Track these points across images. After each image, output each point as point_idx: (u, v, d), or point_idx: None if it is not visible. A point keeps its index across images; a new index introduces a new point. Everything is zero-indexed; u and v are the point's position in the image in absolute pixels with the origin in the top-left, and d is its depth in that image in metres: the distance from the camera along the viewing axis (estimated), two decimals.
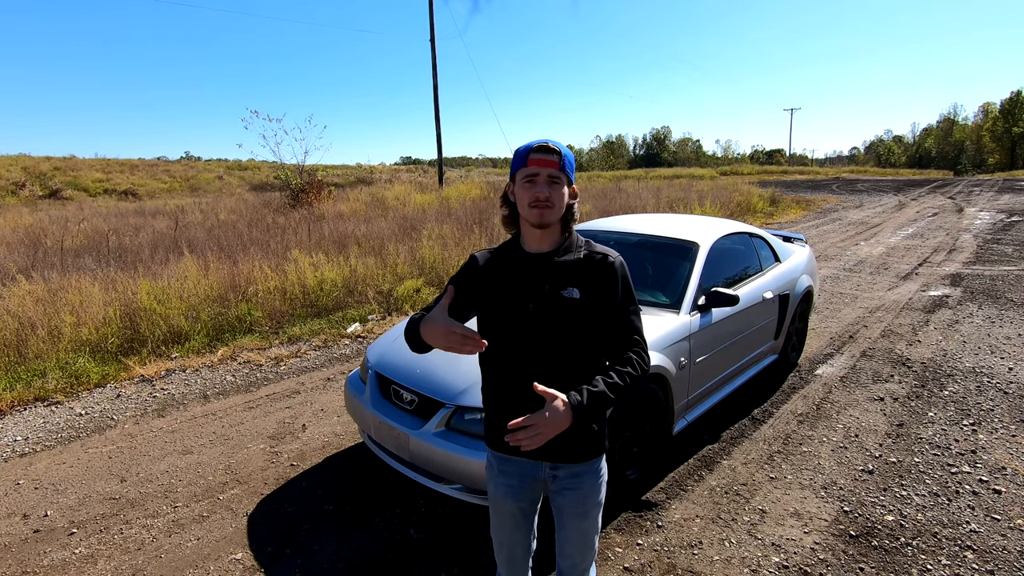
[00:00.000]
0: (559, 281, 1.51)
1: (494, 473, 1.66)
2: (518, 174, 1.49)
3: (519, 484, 1.62)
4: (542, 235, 1.53)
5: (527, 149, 1.47)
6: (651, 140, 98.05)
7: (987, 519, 2.74)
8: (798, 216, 16.17)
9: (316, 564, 2.54)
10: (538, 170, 1.46)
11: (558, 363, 1.52)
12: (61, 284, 6.15)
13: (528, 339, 1.52)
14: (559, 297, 1.50)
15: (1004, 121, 65.63)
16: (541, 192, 1.45)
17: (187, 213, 14.80)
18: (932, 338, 5.33)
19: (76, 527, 2.84)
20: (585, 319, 1.52)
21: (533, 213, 1.46)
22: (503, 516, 1.68)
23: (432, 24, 20.65)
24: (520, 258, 1.57)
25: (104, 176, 30.10)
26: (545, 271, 1.52)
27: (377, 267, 7.58)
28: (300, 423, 3.91)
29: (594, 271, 1.52)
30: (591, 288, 1.51)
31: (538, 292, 1.51)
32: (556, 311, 1.50)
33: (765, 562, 2.48)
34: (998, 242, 10.75)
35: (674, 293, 3.45)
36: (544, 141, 1.47)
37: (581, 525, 1.62)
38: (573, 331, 1.52)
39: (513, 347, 1.54)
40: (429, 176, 35.25)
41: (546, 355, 1.52)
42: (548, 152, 1.46)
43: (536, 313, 1.51)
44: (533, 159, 1.46)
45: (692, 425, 3.45)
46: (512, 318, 1.53)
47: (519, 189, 1.49)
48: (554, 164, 1.46)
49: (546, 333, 1.51)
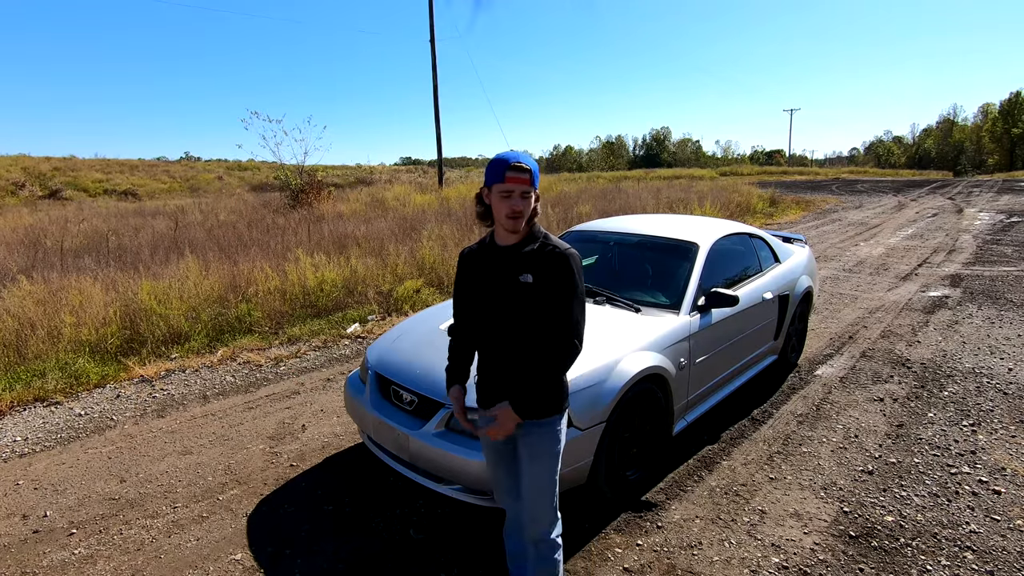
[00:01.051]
0: (517, 268, 1.81)
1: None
2: (495, 187, 1.77)
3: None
4: (511, 233, 1.84)
5: (504, 166, 1.74)
6: (651, 140, 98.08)
7: (987, 520, 2.74)
8: (798, 217, 16.18)
9: (316, 564, 2.54)
10: (513, 187, 1.74)
11: (514, 337, 1.84)
12: (61, 284, 6.15)
13: (493, 316, 1.87)
14: (516, 281, 1.80)
15: (1003, 122, 65.66)
16: (516, 205, 1.76)
17: (187, 213, 14.80)
18: (932, 339, 5.33)
19: (75, 527, 2.84)
20: (536, 301, 1.80)
21: (509, 223, 1.78)
22: (490, 456, 2.07)
23: (432, 24, 20.67)
24: (492, 251, 1.89)
25: (104, 176, 30.10)
26: (509, 260, 1.84)
27: (377, 267, 7.58)
28: (300, 423, 3.91)
29: (546, 260, 1.80)
30: (542, 274, 1.79)
31: (501, 278, 1.84)
32: (513, 293, 1.81)
33: (765, 563, 2.48)
34: (998, 243, 10.76)
35: (674, 294, 3.46)
36: (517, 159, 1.75)
37: (533, 468, 1.90)
38: (526, 310, 1.81)
39: (483, 323, 1.91)
40: (429, 176, 35.27)
41: (506, 329, 1.85)
42: (521, 171, 1.74)
43: (497, 294, 1.84)
44: (509, 177, 1.74)
45: (692, 426, 3.45)
46: (483, 299, 1.90)
47: (496, 199, 1.78)
48: (526, 181, 1.75)
49: (505, 311, 1.84)
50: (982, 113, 73.17)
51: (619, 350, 2.86)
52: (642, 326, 3.14)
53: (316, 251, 8.05)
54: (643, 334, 3.06)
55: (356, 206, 15.67)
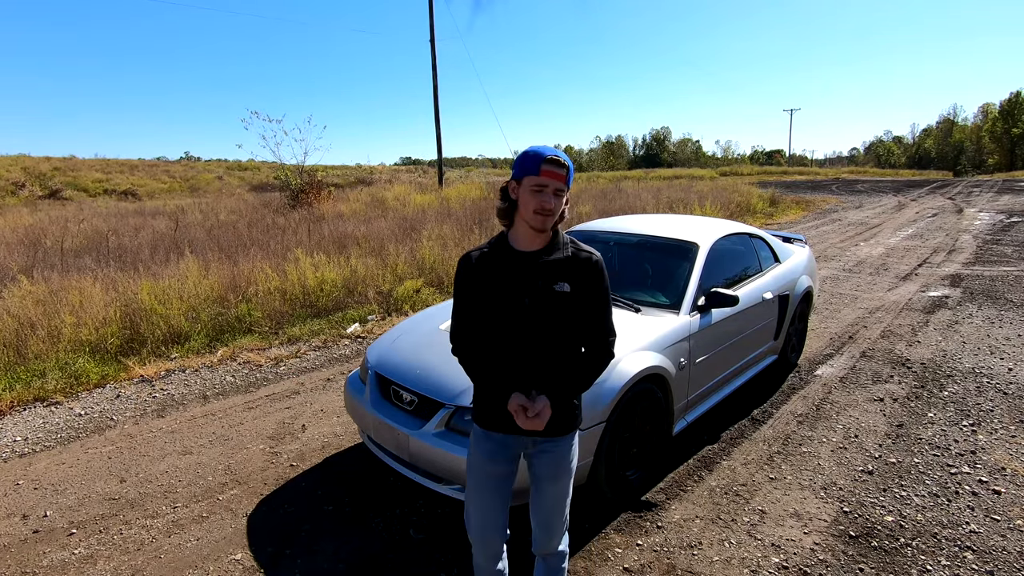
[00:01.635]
0: (551, 276, 1.68)
1: (479, 441, 1.83)
2: (526, 180, 1.62)
3: (499, 448, 1.80)
4: (536, 235, 1.69)
5: (540, 158, 1.60)
6: (651, 141, 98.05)
7: (987, 520, 2.74)
8: (798, 217, 16.18)
9: (316, 564, 2.54)
10: (548, 182, 1.61)
11: (548, 349, 1.71)
12: (61, 284, 6.15)
13: (524, 329, 1.70)
14: (551, 291, 1.68)
15: (1003, 122, 65.62)
16: (548, 203, 1.61)
17: (187, 213, 14.80)
18: (932, 339, 5.33)
19: (75, 527, 2.84)
20: (573, 310, 1.71)
21: (537, 220, 1.63)
22: (481, 482, 1.83)
23: (432, 24, 20.67)
24: (512, 256, 1.71)
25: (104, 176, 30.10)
26: (537, 268, 1.69)
27: (377, 267, 7.58)
28: (300, 423, 3.91)
29: (581, 268, 1.71)
30: (579, 283, 1.70)
31: (532, 287, 1.68)
32: (549, 303, 1.68)
33: (765, 563, 2.48)
34: (997, 243, 10.76)
35: (674, 294, 3.46)
36: (555, 154, 1.61)
37: (556, 487, 1.81)
38: (563, 321, 1.71)
39: (510, 337, 1.71)
40: (429, 176, 35.27)
41: (539, 343, 1.70)
42: (559, 166, 1.61)
43: (531, 305, 1.68)
44: (546, 171, 1.60)
45: (692, 426, 3.45)
46: (509, 311, 1.69)
47: (526, 194, 1.63)
48: (562, 178, 1.62)
49: (540, 323, 1.69)
50: (982, 113, 73.15)
51: (619, 350, 2.85)
52: (642, 326, 3.14)
53: (316, 251, 8.05)
54: (643, 334, 3.06)
55: (356, 206, 15.67)
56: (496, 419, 1.76)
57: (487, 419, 1.79)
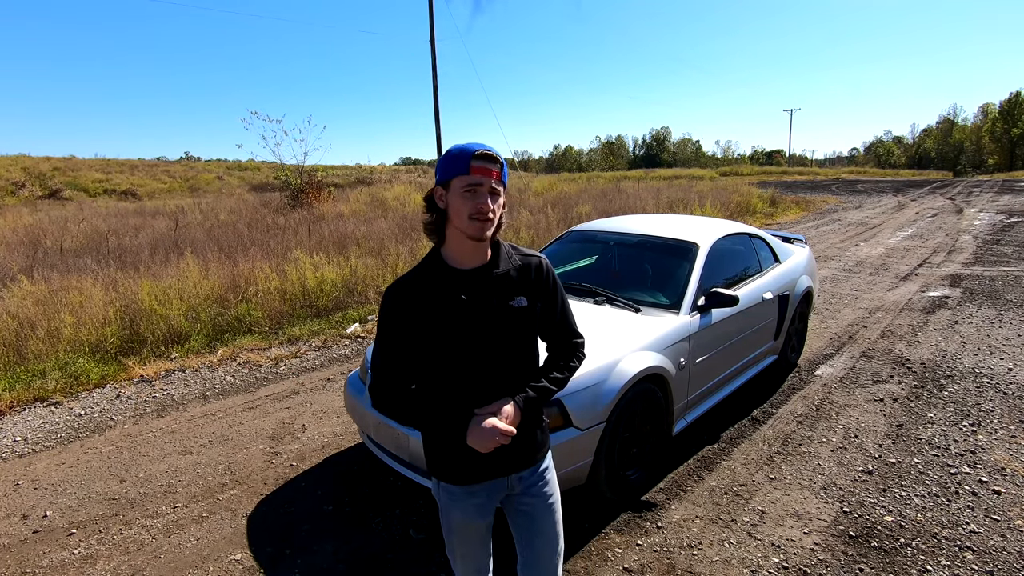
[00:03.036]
0: (505, 292, 1.49)
1: (459, 500, 1.58)
2: (455, 181, 1.38)
3: (487, 501, 1.60)
4: (475, 248, 1.45)
5: (468, 154, 1.37)
6: (651, 141, 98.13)
7: (987, 520, 2.74)
8: (798, 217, 16.18)
9: (316, 564, 2.54)
10: (482, 179, 1.37)
11: (511, 372, 1.52)
12: (61, 284, 6.15)
13: (480, 356, 1.47)
14: (508, 308, 1.49)
15: (1003, 122, 65.67)
16: (485, 204, 1.37)
17: (187, 213, 14.80)
18: (932, 339, 5.33)
19: (75, 527, 2.84)
20: (533, 324, 1.56)
21: (475, 227, 1.38)
22: (470, 536, 1.63)
23: (432, 24, 20.67)
24: (452, 277, 1.46)
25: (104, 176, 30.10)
26: (487, 285, 1.47)
27: (377, 267, 7.58)
28: (300, 423, 3.91)
29: (533, 275, 1.55)
30: (534, 292, 1.54)
31: (486, 307, 1.46)
32: (508, 322, 1.49)
33: (765, 563, 2.48)
34: (997, 243, 10.76)
35: (674, 294, 3.46)
36: (484, 147, 1.38)
37: (553, 517, 1.64)
38: (522, 338, 1.54)
39: (465, 368, 1.48)
40: (429, 176, 35.29)
41: (500, 367, 1.50)
42: (491, 161, 1.38)
43: (488, 328, 1.47)
44: (476, 167, 1.37)
45: (692, 426, 3.45)
46: (461, 340, 1.46)
47: (456, 198, 1.38)
48: (496, 175, 1.40)
49: (499, 346, 1.49)
50: (982, 113, 73.20)
51: (619, 350, 2.85)
52: (642, 326, 3.14)
53: (316, 251, 8.06)
54: (643, 334, 3.06)
55: (356, 206, 15.68)
56: (473, 466, 1.51)
57: (464, 471, 1.53)
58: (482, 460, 1.49)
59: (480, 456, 1.46)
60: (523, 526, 1.64)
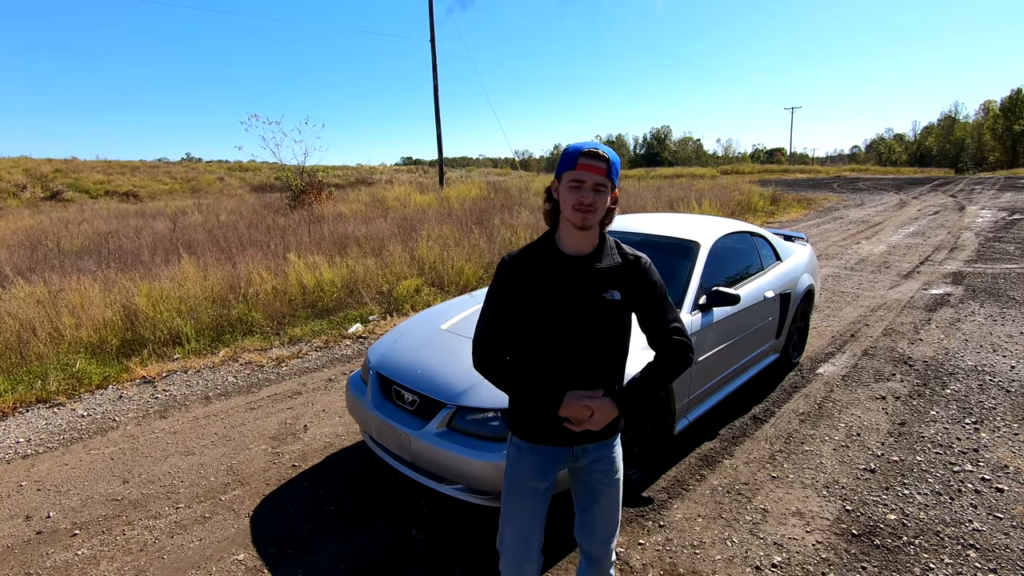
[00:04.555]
0: (601, 284, 1.61)
1: (523, 455, 1.73)
2: (565, 176, 1.55)
3: (547, 463, 1.71)
4: (582, 237, 1.60)
5: (577, 152, 1.53)
6: (651, 139, 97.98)
7: (990, 517, 2.73)
8: (799, 215, 16.15)
9: (318, 564, 2.54)
10: (586, 176, 1.52)
11: (598, 358, 1.64)
12: (62, 286, 6.16)
13: (573, 337, 1.61)
14: (602, 299, 1.60)
15: (1005, 119, 65.44)
16: (585, 198, 1.52)
17: (187, 214, 14.81)
18: (934, 336, 5.32)
19: (78, 528, 2.84)
20: (624, 318, 1.66)
21: (576, 216, 1.53)
22: (523, 497, 1.73)
23: (432, 24, 20.66)
24: (560, 261, 1.62)
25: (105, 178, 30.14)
26: (586, 274, 1.61)
27: (377, 267, 7.58)
28: (302, 424, 3.91)
29: (631, 273, 1.64)
30: (630, 288, 1.64)
31: (582, 293, 1.60)
32: (600, 311, 1.61)
33: (767, 561, 2.48)
34: (1000, 240, 10.73)
35: (675, 292, 3.45)
36: (595, 146, 1.53)
37: (611, 492, 1.74)
38: (613, 329, 1.64)
39: (557, 345, 1.62)
40: (429, 176, 35.28)
41: (589, 351, 1.63)
42: (597, 159, 1.52)
43: (581, 313, 1.60)
44: (582, 164, 1.52)
45: (693, 424, 3.45)
46: (557, 318, 1.60)
47: (564, 190, 1.55)
48: (601, 171, 1.52)
49: (590, 331, 1.61)
50: (983, 110, 72.94)
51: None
52: None
53: (316, 252, 8.06)
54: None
55: (356, 206, 15.67)
56: (545, 431, 1.68)
57: (534, 431, 1.70)
58: (554, 428, 1.65)
59: (554, 425, 1.64)
60: (582, 494, 1.77)
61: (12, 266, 7.48)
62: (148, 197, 27.50)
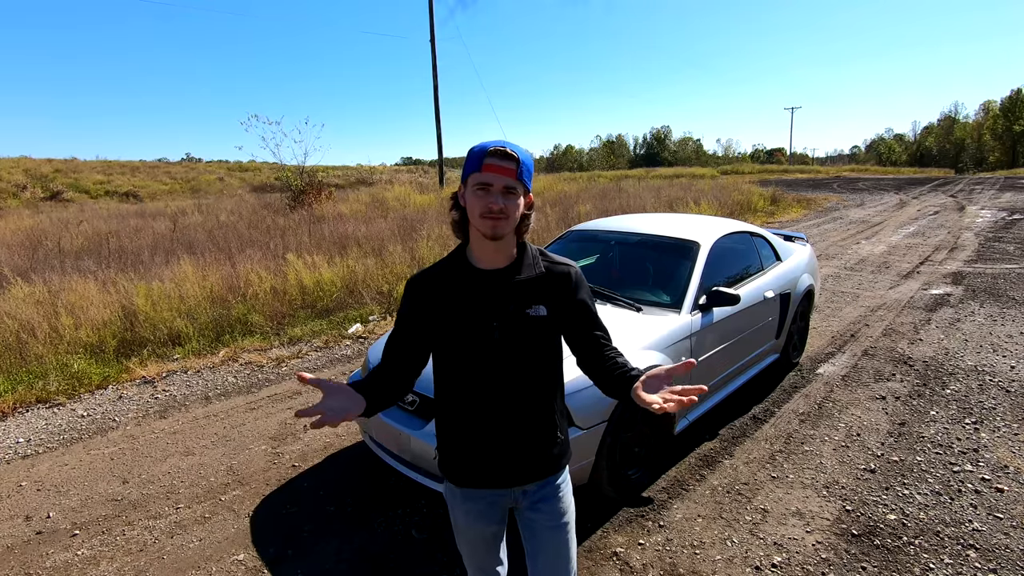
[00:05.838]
0: (523, 299, 1.42)
1: (458, 502, 1.56)
2: (470, 179, 1.35)
3: (488, 509, 1.54)
4: (496, 248, 1.41)
5: (483, 151, 1.33)
6: (651, 140, 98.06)
7: (990, 518, 2.73)
8: (799, 215, 16.15)
9: (318, 565, 2.54)
10: (493, 178, 1.32)
11: (527, 386, 1.46)
12: (61, 286, 6.16)
13: (494, 363, 1.42)
14: (525, 316, 1.41)
15: (1005, 119, 65.48)
16: (494, 203, 1.32)
17: (187, 215, 14.82)
18: (934, 336, 5.32)
19: (78, 528, 2.84)
20: (554, 337, 1.47)
21: (486, 224, 1.34)
22: (475, 542, 1.59)
23: (432, 25, 20.68)
24: (473, 276, 1.42)
25: (105, 178, 30.15)
26: (506, 290, 1.41)
27: (377, 268, 7.59)
28: (301, 424, 3.91)
29: (559, 285, 1.45)
30: (558, 302, 1.45)
31: (501, 312, 1.40)
32: (523, 330, 1.42)
33: (767, 561, 2.48)
34: (1000, 240, 10.73)
35: (675, 293, 3.45)
36: (501, 144, 1.33)
37: (556, 539, 1.54)
38: (541, 351, 1.46)
39: (476, 373, 1.43)
40: (429, 176, 35.28)
41: (514, 379, 1.44)
42: (505, 158, 1.32)
43: (501, 334, 1.40)
44: (488, 165, 1.32)
45: (693, 424, 3.45)
46: (473, 342, 1.41)
47: (470, 196, 1.35)
48: (511, 172, 1.33)
49: (513, 354, 1.42)
50: (983, 110, 72.99)
51: (620, 349, 2.85)
52: (643, 325, 3.14)
53: (316, 252, 8.06)
54: (645, 333, 3.06)
55: (356, 206, 15.67)
56: (475, 473, 1.48)
57: (464, 475, 1.50)
58: (483, 466, 1.47)
59: (481, 462, 1.47)
60: (527, 539, 1.58)
61: (12, 266, 7.48)
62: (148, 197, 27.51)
